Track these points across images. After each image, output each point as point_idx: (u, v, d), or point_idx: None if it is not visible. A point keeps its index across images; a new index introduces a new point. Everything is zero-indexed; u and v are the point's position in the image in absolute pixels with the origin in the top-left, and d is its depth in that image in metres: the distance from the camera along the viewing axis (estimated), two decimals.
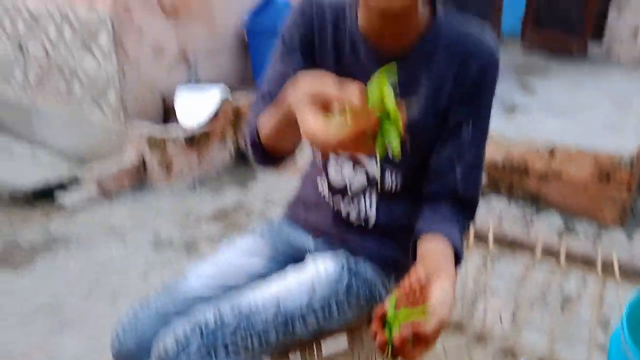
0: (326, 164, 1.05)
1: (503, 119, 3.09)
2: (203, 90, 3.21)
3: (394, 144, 0.68)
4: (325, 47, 0.97)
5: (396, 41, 0.93)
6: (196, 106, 3.11)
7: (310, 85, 0.73)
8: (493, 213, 2.73)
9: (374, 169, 1.00)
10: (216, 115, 3.12)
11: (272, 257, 1.08)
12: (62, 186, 2.88)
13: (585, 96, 3.55)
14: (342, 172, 1.03)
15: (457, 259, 0.86)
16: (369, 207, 1.04)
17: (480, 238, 1.30)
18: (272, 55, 1.01)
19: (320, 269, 1.01)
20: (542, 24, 4.75)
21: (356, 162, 1.01)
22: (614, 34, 4.61)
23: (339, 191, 1.05)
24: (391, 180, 1.01)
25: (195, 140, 3.02)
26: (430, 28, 0.93)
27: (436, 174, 0.95)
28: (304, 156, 1.08)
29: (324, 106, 0.71)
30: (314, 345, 1.05)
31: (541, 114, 3.21)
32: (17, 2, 3.34)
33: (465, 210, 0.95)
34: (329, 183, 1.06)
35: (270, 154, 0.95)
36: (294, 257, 1.09)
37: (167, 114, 3.21)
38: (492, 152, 2.84)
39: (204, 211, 2.73)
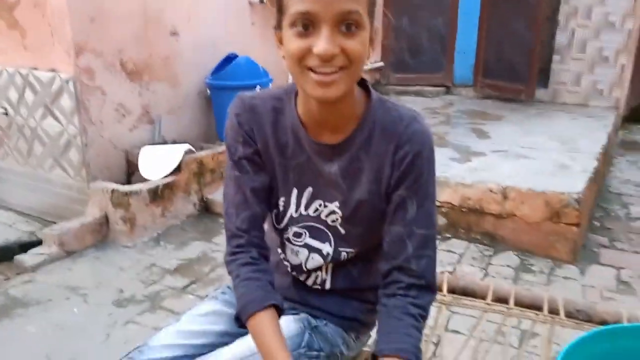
0: (283, 247, 1.10)
1: (458, 163, 3.22)
2: (167, 146, 3.25)
3: None
4: (267, 145, 1.00)
5: (336, 127, 0.96)
6: (160, 160, 3.14)
7: None
8: (453, 254, 2.81)
9: (329, 249, 1.04)
10: (179, 167, 3.15)
11: (234, 320, 1.10)
12: (22, 246, 2.83)
13: (535, 139, 3.74)
14: (298, 256, 1.08)
15: None
16: (324, 274, 1.09)
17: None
18: (226, 167, 1.04)
19: (282, 328, 1.04)
20: (491, 74, 5.01)
21: (311, 250, 1.06)
22: (559, 80, 4.90)
23: (296, 266, 1.10)
24: (346, 255, 1.05)
25: (159, 194, 3.03)
26: (367, 113, 0.96)
27: (389, 253, 0.96)
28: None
29: None
30: None
31: (494, 157, 3.37)
32: None
33: (422, 289, 0.95)
34: (286, 258, 1.11)
35: None
36: None
37: (131, 170, 3.22)
38: (449, 195, 2.96)
39: (168, 265, 2.72)
